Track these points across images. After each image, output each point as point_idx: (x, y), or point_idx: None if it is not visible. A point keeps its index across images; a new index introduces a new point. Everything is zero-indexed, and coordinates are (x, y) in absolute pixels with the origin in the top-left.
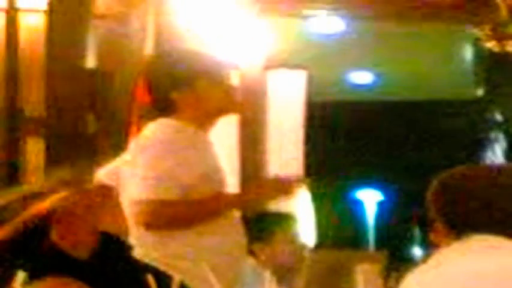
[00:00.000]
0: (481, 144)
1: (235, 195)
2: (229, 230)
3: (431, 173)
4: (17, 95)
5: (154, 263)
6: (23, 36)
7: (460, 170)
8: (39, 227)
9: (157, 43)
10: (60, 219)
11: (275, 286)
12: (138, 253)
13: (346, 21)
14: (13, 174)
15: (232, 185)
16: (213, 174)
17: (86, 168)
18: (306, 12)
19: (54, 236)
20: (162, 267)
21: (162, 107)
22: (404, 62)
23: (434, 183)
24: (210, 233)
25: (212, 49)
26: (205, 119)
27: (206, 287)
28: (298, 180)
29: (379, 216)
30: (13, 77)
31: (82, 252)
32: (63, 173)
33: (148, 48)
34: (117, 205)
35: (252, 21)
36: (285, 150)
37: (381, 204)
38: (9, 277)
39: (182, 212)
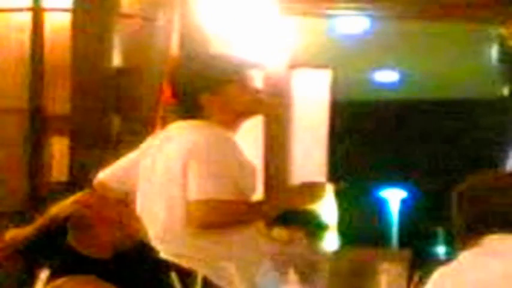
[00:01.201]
0: (505, 143)
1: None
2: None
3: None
4: (42, 94)
5: (186, 262)
6: (48, 35)
7: (477, 178)
8: (57, 230)
9: (183, 42)
10: (75, 224)
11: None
12: (169, 251)
13: (370, 20)
14: (37, 172)
15: (258, 182)
16: (250, 173)
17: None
18: (330, 11)
19: (70, 238)
20: (197, 266)
21: (190, 109)
22: (429, 61)
23: (454, 192)
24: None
25: (236, 48)
26: (233, 121)
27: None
28: (324, 186)
29: (403, 215)
30: (38, 75)
31: (100, 253)
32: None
33: (174, 48)
34: (132, 214)
35: (277, 21)
36: (310, 149)
37: (404, 202)
38: (32, 274)
39: (236, 213)
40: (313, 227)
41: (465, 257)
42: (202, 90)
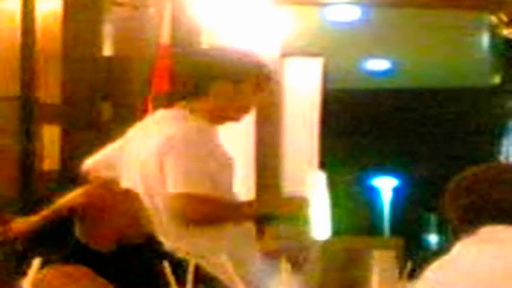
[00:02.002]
0: (497, 132)
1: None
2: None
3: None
4: (32, 82)
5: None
6: (39, 23)
7: (471, 171)
8: (63, 221)
9: (174, 31)
10: (83, 216)
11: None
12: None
13: (362, 8)
14: (29, 161)
15: (248, 168)
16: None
17: None
18: (322, 0)
19: (77, 230)
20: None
21: (192, 94)
22: (421, 49)
23: (449, 185)
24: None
25: (228, 37)
26: (222, 117)
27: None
28: (305, 202)
29: (395, 203)
30: (29, 64)
31: (106, 246)
32: None
33: (165, 37)
34: (140, 207)
35: (268, 10)
36: (301, 137)
37: (396, 190)
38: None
39: (218, 210)
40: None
41: (462, 246)
42: (218, 79)
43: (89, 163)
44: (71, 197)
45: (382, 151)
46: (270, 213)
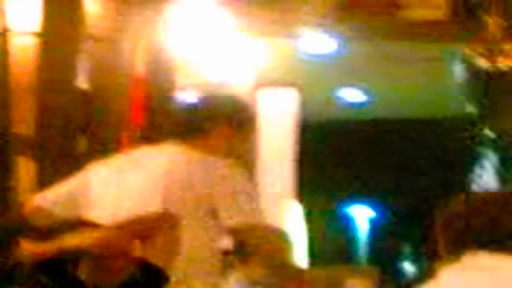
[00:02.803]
0: (473, 162)
1: None
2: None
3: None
4: (8, 116)
5: None
6: (14, 55)
7: (461, 198)
8: (68, 262)
9: (149, 63)
10: (90, 262)
11: None
12: None
13: (338, 41)
14: (4, 195)
15: None
16: None
17: None
18: (298, 32)
19: (80, 271)
20: None
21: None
22: (396, 80)
23: (441, 211)
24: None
25: (203, 69)
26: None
27: None
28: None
29: (371, 233)
30: (4, 97)
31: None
32: None
33: (139, 70)
34: (173, 236)
35: (244, 40)
36: (277, 169)
37: (372, 221)
38: None
39: None
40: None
41: (447, 273)
42: (222, 123)
43: (41, 200)
44: (83, 237)
45: (358, 181)
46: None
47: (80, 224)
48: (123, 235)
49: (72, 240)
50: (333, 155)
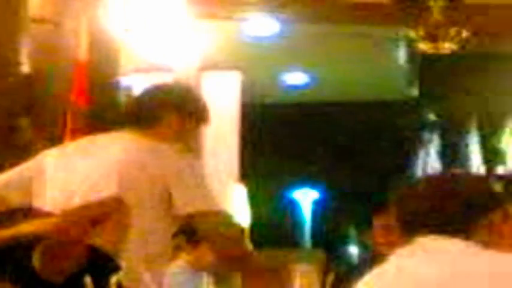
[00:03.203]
0: (414, 145)
1: None
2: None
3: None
4: None
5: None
6: None
7: (418, 179)
8: (22, 249)
9: (91, 47)
10: (45, 250)
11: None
12: None
13: (280, 23)
14: None
15: None
16: None
17: None
18: (240, 14)
19: (34, 261)
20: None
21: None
22: (338, 63)
23: (394, 195)
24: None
25: (146, 51)
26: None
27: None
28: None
29: (315, 215)
30: None
31: (60, 277)
32: None
33: (82, 52)
34: (123, 221)
35: (188, 23)
36: (220, 151)
37: (316, 203)
38: None
39: None
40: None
41: (393, 257)
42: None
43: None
44: (38, 224)
45: (301, 163)
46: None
47: (33, 212)
48: (76, 221)
49: (26, 227)
50: (276, 138)
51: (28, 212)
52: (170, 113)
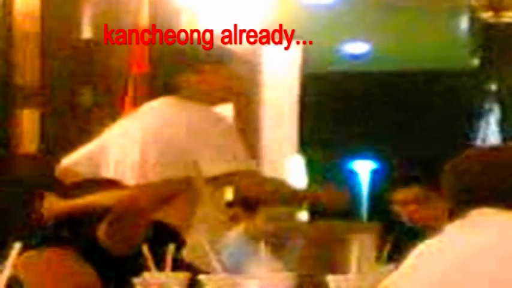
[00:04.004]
0: (475, 115)
1: None
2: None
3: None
4: (12, 66)
5: None
6: (18, 6)
7: (468, 152)
8: (89, 219)
9: (153, 14)
10: (112, 221)
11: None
12: None
13: None
14: (8, 145)
15: None
16: None
17: None
18: None
19: (100, 231)
20: None
21: (169, 87)
22: (399, 32)
23: (445, 167)
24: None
25: (207, 21)
26: (205, 102)
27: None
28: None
29: (374, 186)
30: (8, 48)
31: (123, 250)
32: None
33: (144, 20)
34: (189, 199)
35: None
36: (281, 121)
37: (375, 173)
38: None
39: None
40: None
41: (448, 230)
42: (182, 70)
43: (65, 162)
44: (110, 195)
45: (360, 134)
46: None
47: (105, 183)
48: (146, 196)
49: (97, 199)
50: (336, 108)
51: (101, 183)
52: (212, 62)
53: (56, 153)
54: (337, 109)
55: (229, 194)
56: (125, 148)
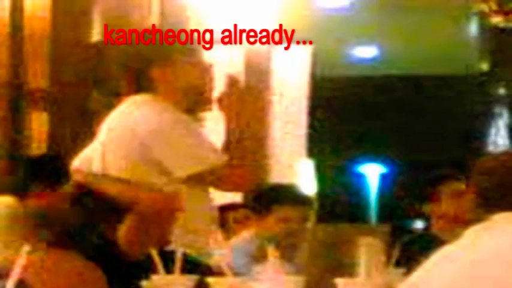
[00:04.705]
0: (484, 119)
1: None
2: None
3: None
4: (21, 68)
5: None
6: (28, 8)
7: (496, 155)
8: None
9: (162, 15)
10: (136, 221)
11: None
12: None
13: None
14: (16, 147)
15: None
16: None
17: None
18: None
19: (120, 233)
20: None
21: (140, 84)
22: (409, 36)
23: (472, 170)
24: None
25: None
26: (181, 97)
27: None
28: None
29: (382, 190)
30: (18, 50)
31: (139, 253)
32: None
33: (154, 20)
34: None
35: None
36: (289, 124)
37: (383, 177)
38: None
39: None
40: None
41: (467, 235)
42: (153, 63)
43: (76, 164)
44: (136, 193)
45: (369, 138)
46: None
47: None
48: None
49: (128, 191)
50: (344, 111)
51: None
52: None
53: (65, 155)
54: (346, 113)
55: (237, 196)
56: (95, 147)
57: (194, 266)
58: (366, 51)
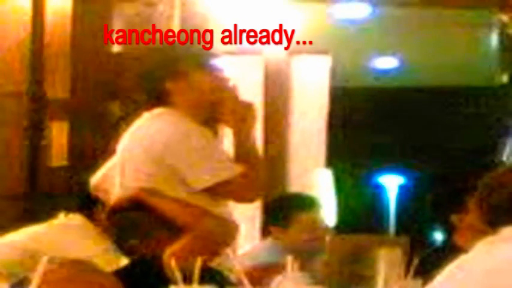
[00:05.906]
0: (505, 131)
1: None
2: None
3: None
4: (42, 78)
5: None
6: (48, 18)
7: (502, 170)
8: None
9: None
10: (188, 245)
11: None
12: None
13: (371, 6)
14: (37, 157)
15: None
16: None
17: None
18: None
19: (161, 250)
20: None
21: (159, 96)
22: (429, 47)
23: (482, 181)
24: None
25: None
26: (197, 109)
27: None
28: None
29: (401, 201)
30: (38, 59)
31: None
32: None
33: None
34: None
35: (277, 6)
36: (308, 135)
37: (402, 188)
38: None
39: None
40: (308, 205)
41: (479, 246)
42: (167, 77)
43: (94, 181)
44: (198, 217)
45: (388, 149)
46: None
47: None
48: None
49: (167, 205)
50: (364, 123)
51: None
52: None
53: (84, 166)
54: (365, 124)
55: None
56: (114, 163)
57: (213, 276)
58: (386, 63)
